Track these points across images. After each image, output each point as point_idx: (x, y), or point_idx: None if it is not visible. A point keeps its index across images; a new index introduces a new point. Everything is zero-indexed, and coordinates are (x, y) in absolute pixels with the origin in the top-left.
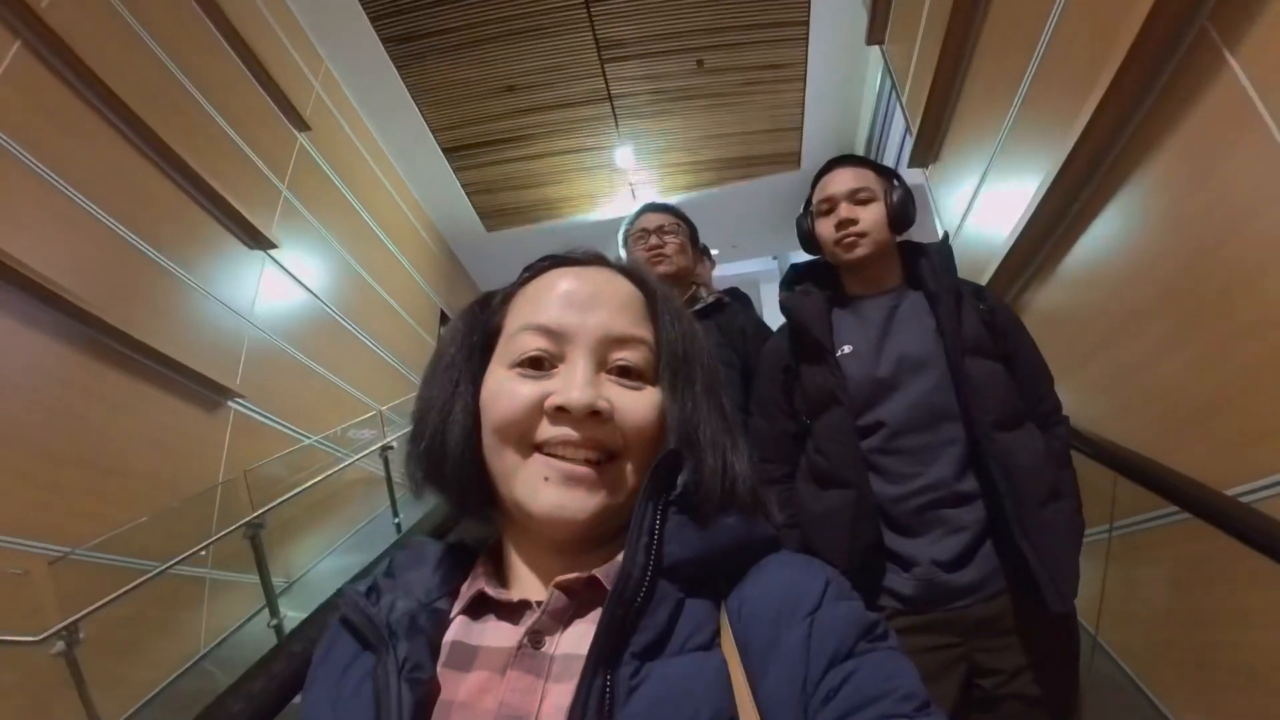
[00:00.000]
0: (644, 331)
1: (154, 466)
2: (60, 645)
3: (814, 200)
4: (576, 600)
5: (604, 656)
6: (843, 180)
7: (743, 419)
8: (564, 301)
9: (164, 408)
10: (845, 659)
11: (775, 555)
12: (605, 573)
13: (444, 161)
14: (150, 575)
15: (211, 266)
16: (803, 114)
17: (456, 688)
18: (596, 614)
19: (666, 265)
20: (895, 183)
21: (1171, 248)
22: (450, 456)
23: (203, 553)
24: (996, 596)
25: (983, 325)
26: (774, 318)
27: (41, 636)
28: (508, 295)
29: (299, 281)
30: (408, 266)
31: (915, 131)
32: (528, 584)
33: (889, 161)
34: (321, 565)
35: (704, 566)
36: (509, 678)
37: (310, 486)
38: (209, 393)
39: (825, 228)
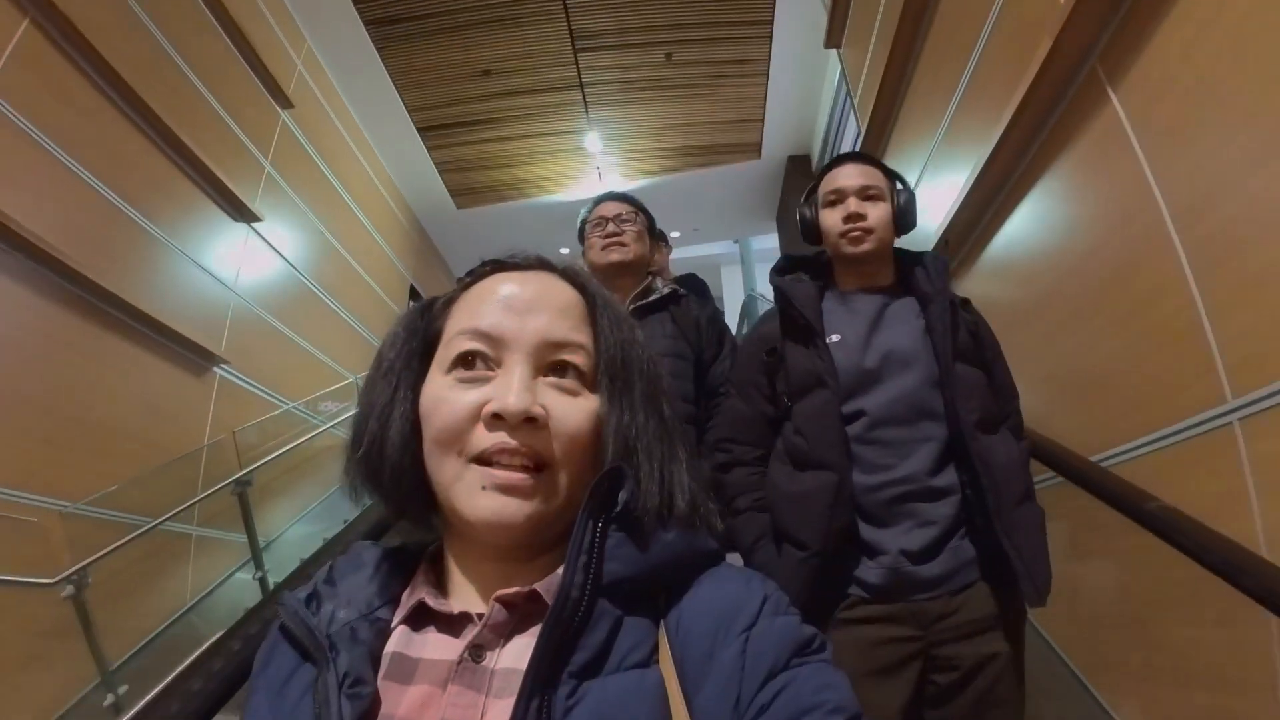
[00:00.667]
0: (583, 337)
1: (145, 427)
2: (70, 589)
3: (820, 191)
4: (517, 614)
5: (541, 677)
6: (853, 175)
7: (693, 411)
8: (503, 306)
9: (155, 371)
10: (779, 674)
11: (714, 570)
12: (546, 586)
13: (419, 140)
14: (150, 526)
15: (199, 237)
16: (764, 108)
17: (398, 701)
18: (537, 628)
19: (622, 253)
20: (900, 185)
21: (1065, 248)
22: (388, 464)
23: (189, 511)
24: (960, 591)
25: (968, 334)
26: (733, 300)
27: (56, 579)
28: (449, 300)
29: (279, 254)
30: (380, 242)
31: (863, 130)
32: (468, 595)
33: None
34: (295, 529)
35: (643, 583)
36: (450, 692)
37: (295, 447)
38: (196, 358)
39: (832, 219)
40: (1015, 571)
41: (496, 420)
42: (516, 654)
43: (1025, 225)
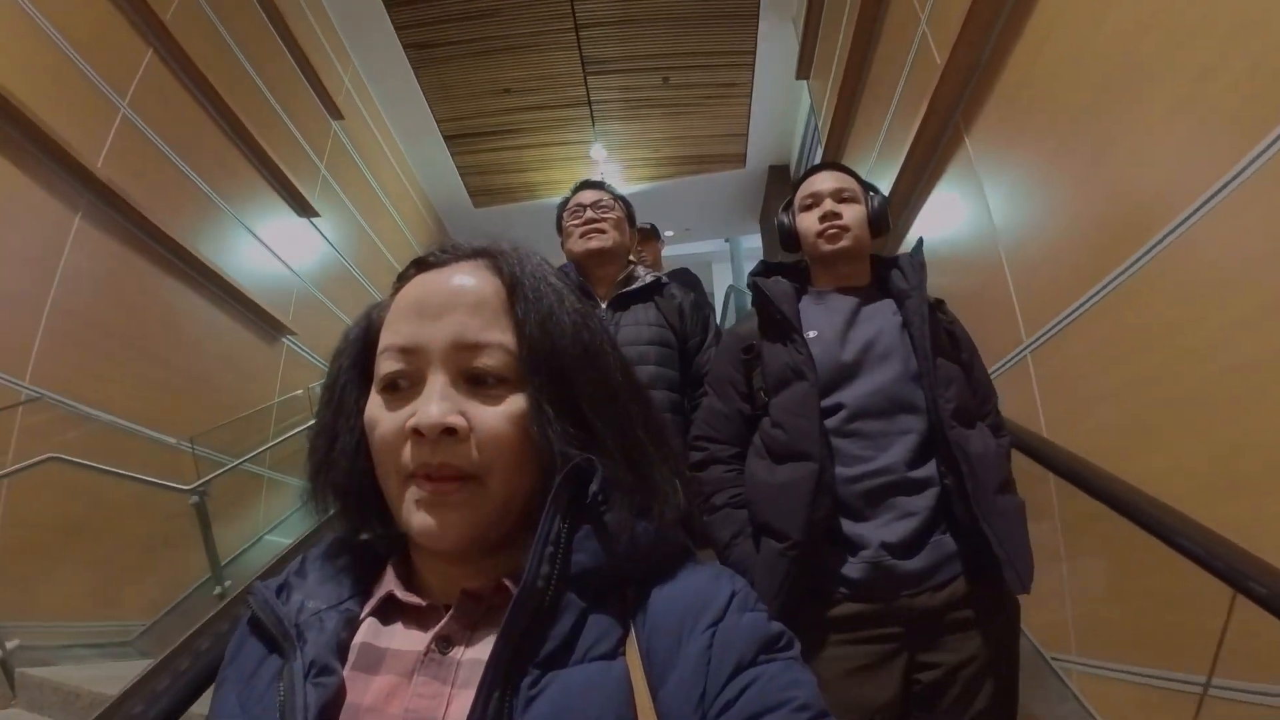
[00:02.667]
0: (497, 334)
1: (230, 382)
2: (195, 499)
3: (797, 197)
4: (484, 606)
5: (503, 667)
6: (828, 180)
7: (678, 399)
8: (416, 314)
9: (238, 335)
10: (745, 669)
11: (683, 565)
12: (513, 579)
13: (444, 147)
14: (246, 456)
15: (273, 228)
16: (748, 124)
17: (364, 691)
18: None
19: (601, 240)
20: (873, 193)
21: (937, 270)
22: (337, 484)
23: (264, 455)
24: (944, 586)
25: (944, 331)
26: (732, 307)
27: (191, 486)
28: (384, 306)
29: (331, 245)
30: (409, 237)
31: (824, 150)
32: (436, 588)
33: None
34: None
35: (610, 576)
36: (415, 683)
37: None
38: (269, 328)
39: (809, 221)
40: (997, 559)
41: (418, 436)
42: (484, 646)
43: (923, 232)
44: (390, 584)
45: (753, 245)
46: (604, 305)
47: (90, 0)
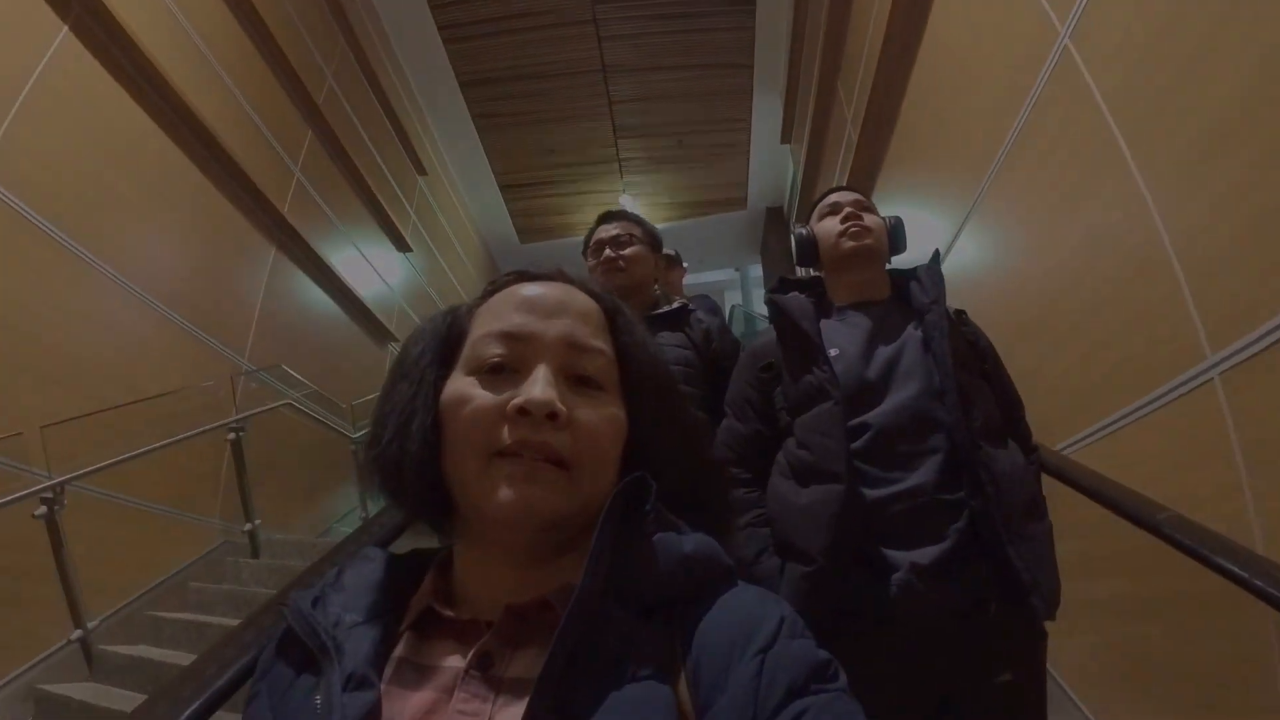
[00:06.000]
0: (604, 343)
1: (352, 374)
2: (353, 447)
3: (815, 210)
4: (527, 623)
5: (553, 683)
6: (846, 194)
7: (708, 420)
8: (527, 308)
9: (357, 337)
10: (796, 698)
11: (734, 587)
12: (557, 595)
13: (499, 195)
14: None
15: (382, 257)
16: (748, 175)
17: (402, 707)
18: (547, 637)
19: (623, 277)
20: (887, 216)
21: None
22: (407, 464)
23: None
24: (975, 611)
25: (967, 345)
26: (736, 322)
27: (356, 435)
28: (472, 308)
29: (418, 272)
30: (469, 267)
31: (800, 200)
32: (478, 602)
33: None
34: None
35: (660, 594)
36: (456, 699)
37: None
38: (376, 333)
39: (830, 224)
40: (1023, 584)
41: (521, 415)
42: (526, 663)
43: None
44: (428, 598)
45: (758, 275)
46: None
47: (268, 82)
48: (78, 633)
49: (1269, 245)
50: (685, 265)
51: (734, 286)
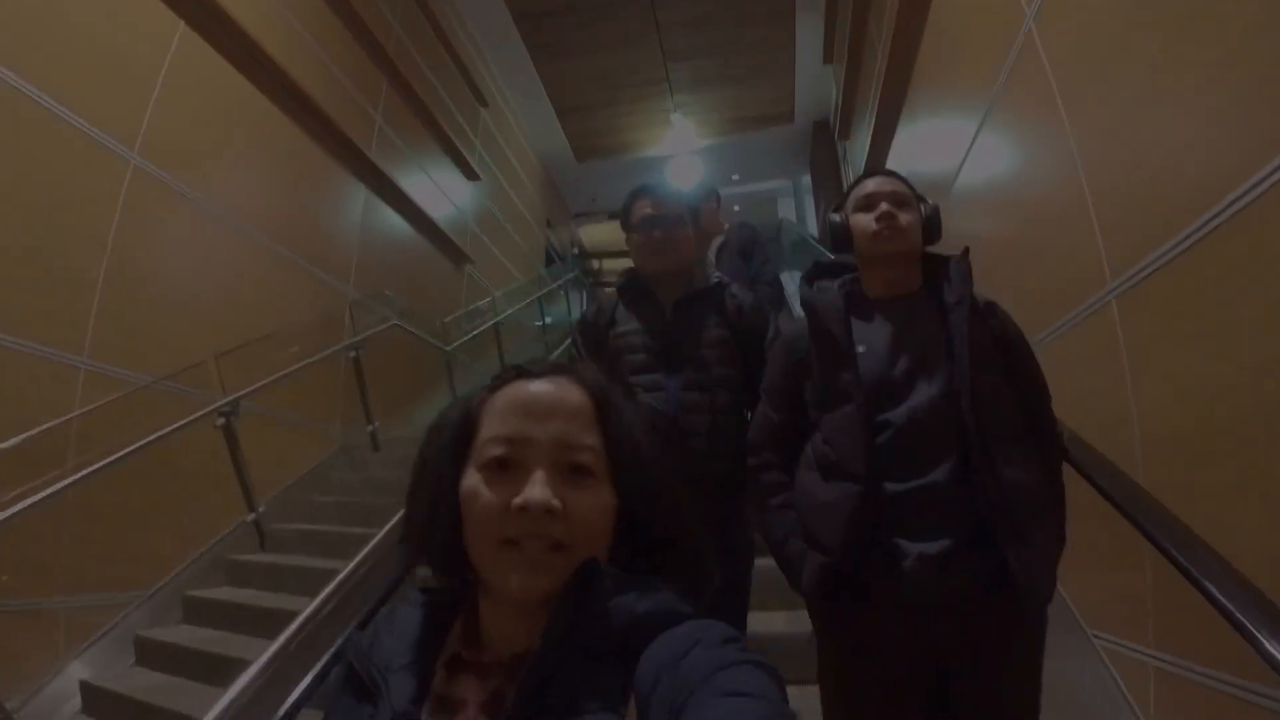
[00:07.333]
0: (593, 438)
1: (428, 294)
2: (445, 356)
3: (852, 197)
4: (528, 662)
5: (518, 714)
6: (884, 184)
7: (739, 400)
8: (524, 412)
9: (437, 261)
10: (710, 677)
11: (681, 625)
12: None
13: (555, 119)
14: (463, 340)
15: (453, 186)
16: (794, 92)
17: None
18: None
19: (675, 260)
20: (924, 202)
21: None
22: (434, 541)
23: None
24: (976, 599)
25: (992, 340)
26: (786, 233)
27: (450, 347)
28: (481, 400)
29: (486, 199)
30: (530, 188)
31: (840, 117)
32: (497, 643)
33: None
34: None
35: (612, 645)
36: None
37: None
38: (453, 256)
39: (863, 220)
40: (1017, 585)
41: (522, 512)
42: None
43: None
44: (457, 643)
45: (809, 183)
46: (668, 310)
47: (346, 40)
48: (252, 515)
49: (1152, 196)
50: (733, 180)
51: (786, 194)
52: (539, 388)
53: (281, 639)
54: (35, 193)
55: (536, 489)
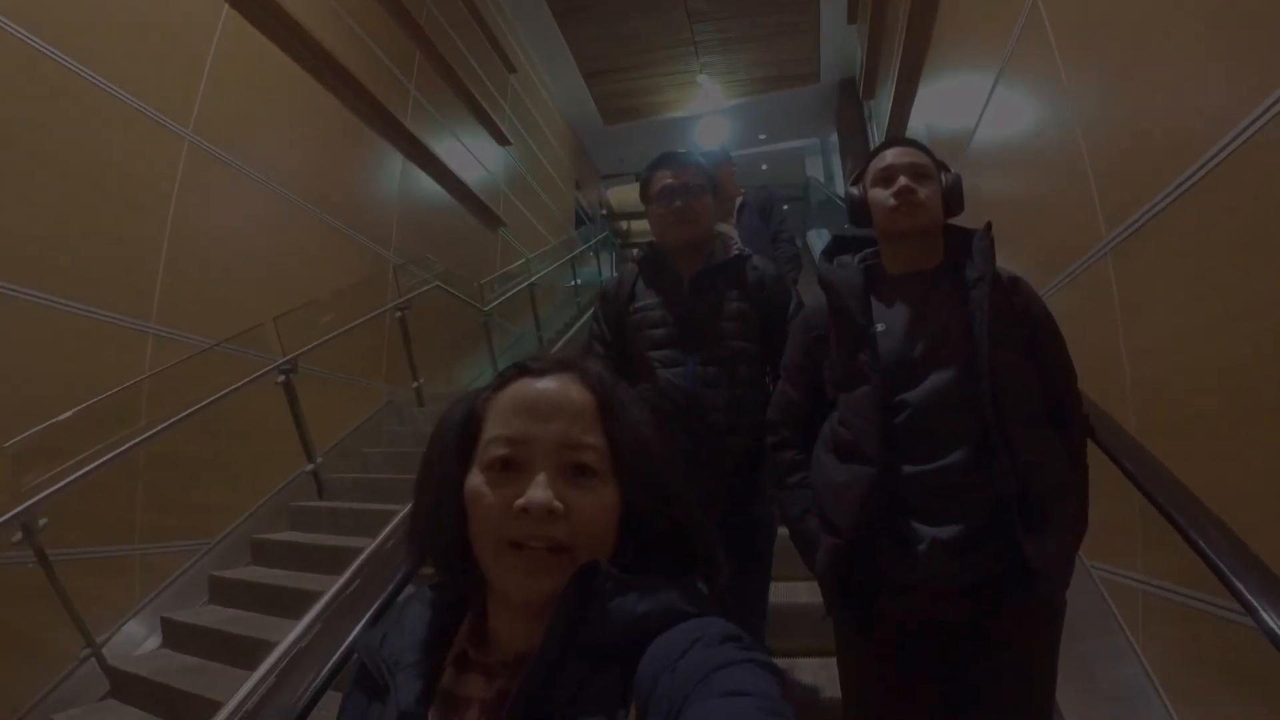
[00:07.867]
0: (595, 437)
1: (464, 256)
2: (483, 319)
3: (870, 169)
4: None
5: (519, 713)
6: (902, 154)
7: (758, 373)
8: (527, 411)
9: (472, 224)
10: (708, 676)
11: (681, 624)
12: None
13: (582, 82)
14: (499, 299)
15: (485, 151)
16: (819, 52)
17: None
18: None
19: (696, 229)
20: (945, 171)
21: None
22: (439, 540)
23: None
24: (992, 584)
25: (1014, 318)
26: (814, 192)
27: (489, 307)
28: (485, 398)
29: (518, 163)
30: (559, 151)
31: (865, 76)
32: (503, 643)
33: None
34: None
35: (613, 646)
36: None
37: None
38: (487, 220)
39: (882, 195)
40: (1030, 571)
41: (524, 513)
42: None
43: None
44: (465, 642)
45: (836, 141)
46: (687, 281)
47: (380, 15)
48: (311, 466)
49: (1143, 150)
50: (759, 140)
51: (814, 152)
52: (542, 387)
53: (348, 572)
54: (103, 172)
55: (538, 491)
